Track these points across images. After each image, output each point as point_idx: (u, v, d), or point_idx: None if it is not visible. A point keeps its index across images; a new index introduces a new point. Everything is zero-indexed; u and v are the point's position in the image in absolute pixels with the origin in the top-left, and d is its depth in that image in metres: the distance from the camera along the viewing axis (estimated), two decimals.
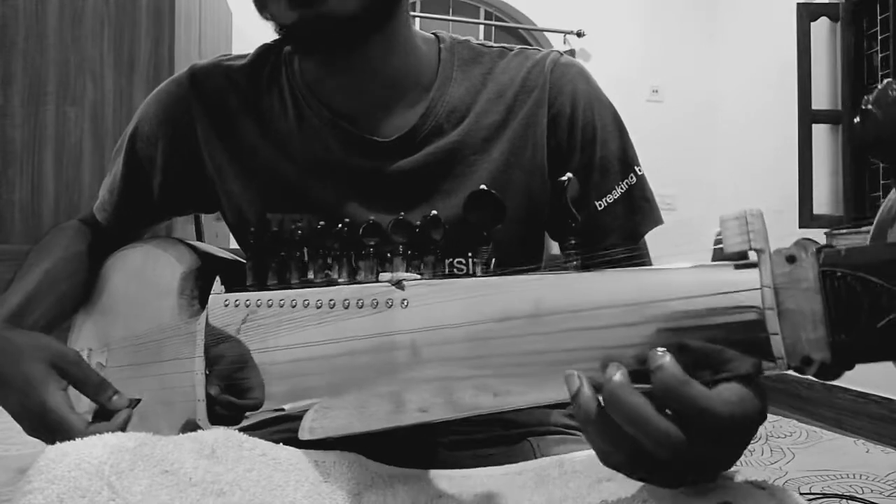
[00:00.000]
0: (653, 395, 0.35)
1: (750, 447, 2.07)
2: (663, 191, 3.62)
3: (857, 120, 0.36)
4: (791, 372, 0.35)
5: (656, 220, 0.69)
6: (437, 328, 0.45)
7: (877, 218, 0.40)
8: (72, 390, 0.58)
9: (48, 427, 0.55)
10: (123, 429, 0.56)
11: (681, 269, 0.38)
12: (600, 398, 0.37)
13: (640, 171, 0.69)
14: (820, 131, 2.96)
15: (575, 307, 0.40)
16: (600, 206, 0.67)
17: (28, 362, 0.57)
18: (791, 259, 0.35)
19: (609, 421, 0.36)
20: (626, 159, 0.69)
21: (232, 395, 0.56)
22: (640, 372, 0.37)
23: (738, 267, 0.36)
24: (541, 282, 0.42)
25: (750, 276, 0.35)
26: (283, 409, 0.53)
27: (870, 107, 0.36)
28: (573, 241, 0.46)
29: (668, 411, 0.35)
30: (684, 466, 0.36)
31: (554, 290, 0.41)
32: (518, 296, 0.42)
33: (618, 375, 0.36)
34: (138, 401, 0.59)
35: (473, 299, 0.44)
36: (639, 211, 0.68)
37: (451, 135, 0.67)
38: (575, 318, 0.40)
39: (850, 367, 0.35)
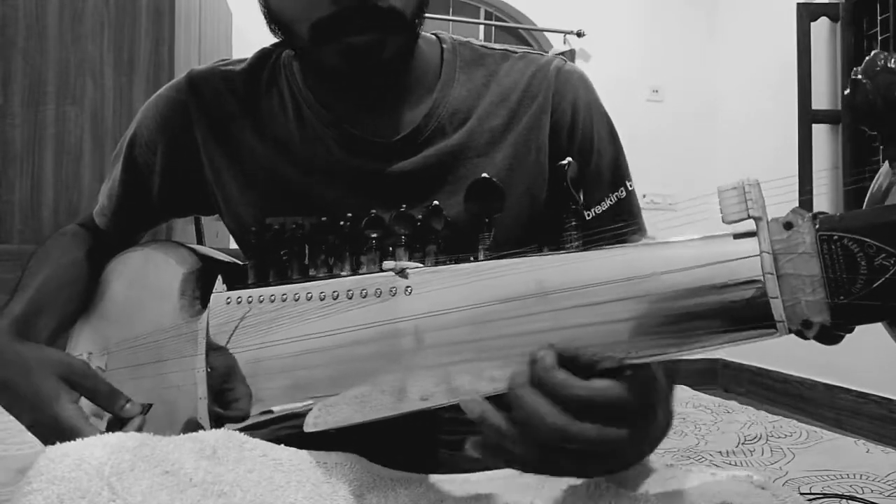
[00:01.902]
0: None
1: (750, 447, 2.07)
2: (663, 190, 3.63)
3: (847, 91, 0.37)
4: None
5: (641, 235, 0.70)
6: (441, 313, 0.45)
7: (869, 191, 0.41)
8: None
9: (63, 439, 0.54)
10: None
11: (680, 242, 0.39)
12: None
13: (630, 185, 0.70)
14: (820, 131, 2.96)
15: (577, 284, 0.41)
16: (588, 216, 0.68)
17: (38, 376, 0.56)
18: (788, 225, 0.36)
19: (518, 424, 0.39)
20: (618, 172, 0.70)
21: (232, 393, 0.56)
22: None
23: (736, 237, 0.37)
24: (542, 261, 0.43)
25: (749, 245, 0.36)
26: (271, 412, 0.53)
27: (859, 76, 0.36)
28: (574, 223, 0.47)
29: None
30: (589, 456, 0.39)
31: (555, 268, 0.42)
32: (520, 276, 0.43)
33: (518, 377, 0.39)
34: (150, 406, 0.59)
35: (476, 283, 0.44)
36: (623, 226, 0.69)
37: (453, 137, 0.67)
38: (577, 295, 0.40)
39: (850, 330, 0.35)
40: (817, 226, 0.35)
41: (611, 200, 0.68)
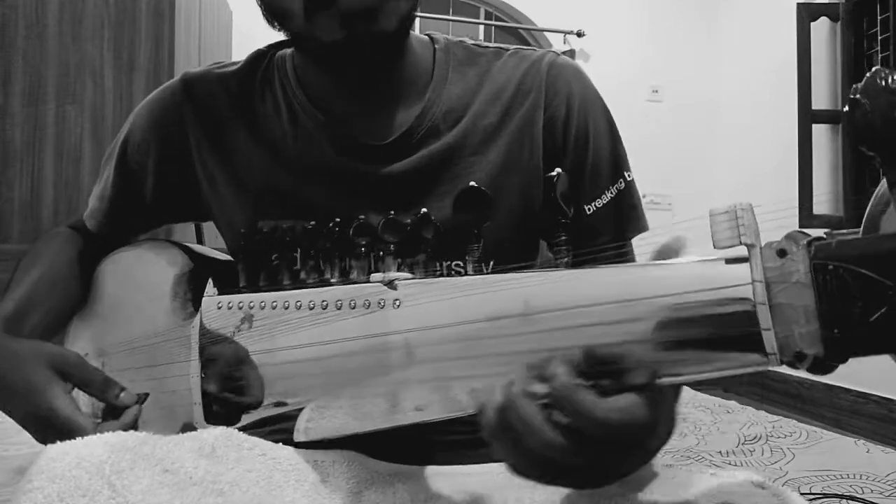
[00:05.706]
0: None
1: (749, 447, 2.07)
2: (662, 190, 3.63)
3: (846, 109, 0.35)
4: (789, 375, 0.35)
5: (642, 228, 0.70)
6: (429, 328, 0.45)
7: (867, 209, 0.39)
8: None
9: (57, 431, 0.54)
10: (135, 424, 0.56)
11: (671, 264, 0.38)
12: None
13: (629, 176, 0.70)
14: (820, 131, 2.96)
15: (565, 305, 0.40)
16: (589, 210, 0.68)
17: (29, 368, 0.56)
18: (782, 253, 0.34)
19: (508, 430, 0.37)
20: (617, 164, 0.70)
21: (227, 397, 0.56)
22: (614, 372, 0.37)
23: (728, 262, 0.36)
24: (530, 280, 0.42)
25: (741, 271, 0.35)
26: (285, 404, 0.53)
27: (858, 96, 0.35)
28: (563, 238, 0.46)
29: (558, 421, 0.36)
30: (582, 470, 0.37)
31: (543, 288, 0.41)
32: (508, 294, 0.42)
33: (517, 385, 0.37)
34: (147, 395, 0.58)
35: (464, 298, 0.44)
36: (625, 217, 0.69)
37: (447, 136, 0.66)
38: (565, 317, 0.39)
39: (843, 361, 0.34)
40: (812, 253, 0.33)
41: (611, 193, 0.68)
